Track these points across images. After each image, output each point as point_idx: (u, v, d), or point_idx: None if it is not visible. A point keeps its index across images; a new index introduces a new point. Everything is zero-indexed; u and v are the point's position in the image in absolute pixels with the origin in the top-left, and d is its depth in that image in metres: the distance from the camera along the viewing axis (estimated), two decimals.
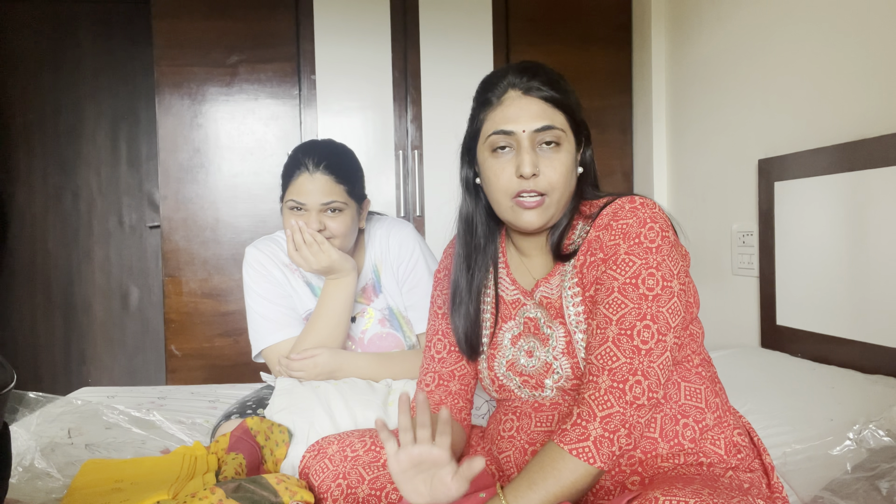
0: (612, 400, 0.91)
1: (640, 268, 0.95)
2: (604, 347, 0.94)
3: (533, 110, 1.00)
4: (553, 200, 1.01)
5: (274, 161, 2.76)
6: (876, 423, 1.26)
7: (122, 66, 3.69)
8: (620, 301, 0.94)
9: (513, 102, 1.01)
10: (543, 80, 1.01)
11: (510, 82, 1.02)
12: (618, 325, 0.94)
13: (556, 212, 1.04)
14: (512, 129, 1.00)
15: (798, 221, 1.90)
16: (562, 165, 1.00)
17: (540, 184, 1.00)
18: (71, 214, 3.71)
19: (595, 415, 0.91)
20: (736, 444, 1.02)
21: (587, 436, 0.90)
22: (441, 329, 1.19)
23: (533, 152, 0.99)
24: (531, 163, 0.98)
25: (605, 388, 0.92)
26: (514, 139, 1.00)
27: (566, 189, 1.03)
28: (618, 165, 2.91)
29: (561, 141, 1.01)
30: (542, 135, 1.00)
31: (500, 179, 1.01)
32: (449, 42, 2.74)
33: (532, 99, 1.01)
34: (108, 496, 1.19)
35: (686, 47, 2.60)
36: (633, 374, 0.92)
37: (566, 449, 0.90)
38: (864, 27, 1.73)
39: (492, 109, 1.03)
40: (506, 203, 1.03)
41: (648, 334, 0.93)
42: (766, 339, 2.07)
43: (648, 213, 0.97)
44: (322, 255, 1.45)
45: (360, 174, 1.55)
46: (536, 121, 0.99)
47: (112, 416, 1.74)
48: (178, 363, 2.74)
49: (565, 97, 1.02)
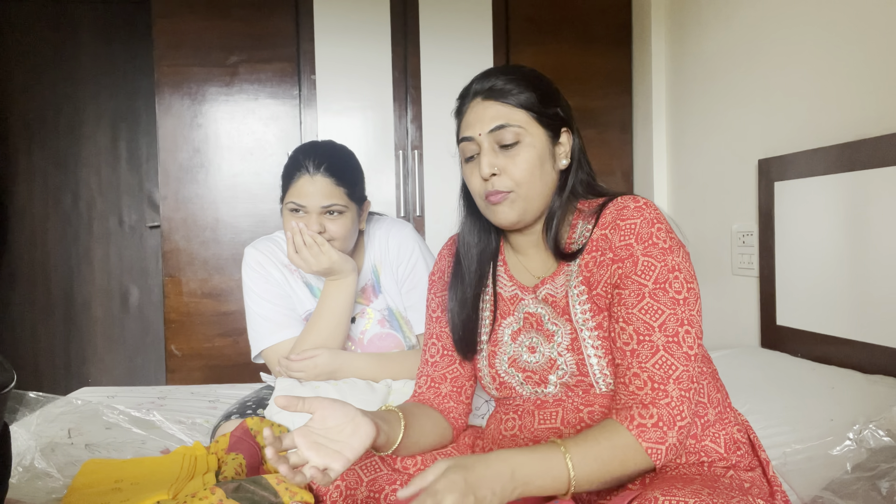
0: (685, 411, 0.93)
1: (662, 270, 0.96)
2: (659, 356, 0.94)
3: (489, 113, 1.04)
4: (521, 194, 1.04)
5: (274, 161, 2.76)
6: (876, 423, 1.26)
7: (122, 66, 3.69)
8: (656, 307, 0.95)
9: (473, 109, 1.06)
10: (501, 81, 1.05)
11: (474, 90, 1.07)
12: (662, 331, 0.95)
13: (532, 205, 1.05)
14: (471, 135, 1.05)
15: (798, 221, 1.90)
16: (524, 161, 1.03)
17: (503, 182, 1.03)
18: (71, 214, 3.71)
19: (674, 423, 0.92)
20: (736, 440, 1.03)
21: (664, 440, 0.92)
22: (435, 332, 1.20)
23: (492, 153, 1.03)
24: (488, 163, 1.03)
25: (676, 397, 0.93)
26: (475, 144, 1.05)
27: (537, 182, 1.04)
28: (618, 165, 2.91)
29: (520, 137, 1.03)
30: (498, 134, 1.03)
31: (472, 184, 1.07)
32: (449, 42, 2.74)
33: (488, 103, 1.04)
34: (108, 496, 1.19)
35: (686, 47, 2.60)
36: (692, 382, 0.94)
37: (643, 446, 0.91)
38: (865, 27, 1.73)
39: (462, 118, 1.09)
40: (482, 204, 1.07)
41: (691, 340, 0.95)
42: (766, 338, 2.07)
43: (654, 213, 0.99)
44: (322, 256, 1.45)
45: (361, 176, 1.55)
46: (491, 122, 1.03)
47: (112, 416, 1.74)
48: (178, 363, 2.74)
49: (523, 94, 1.04)
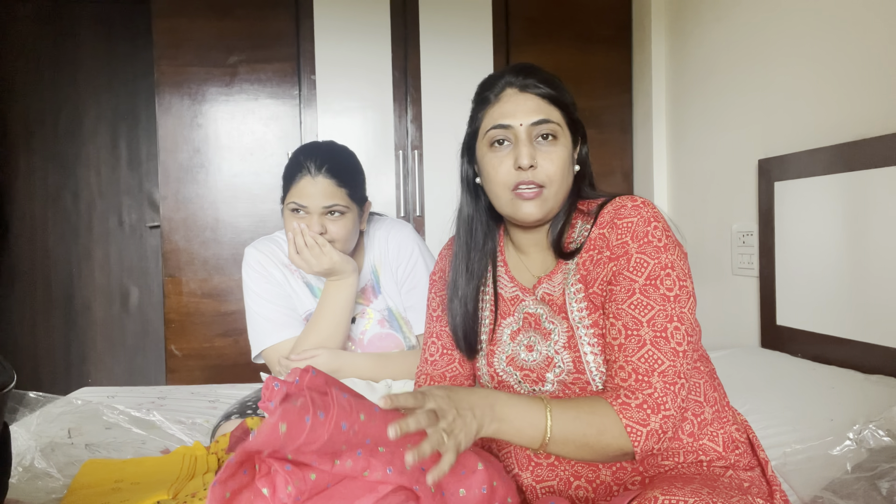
0: (668, 402, 0.93)
1: (654, 268, 0.97)
2: (645, 350, 0.95)
3: (530, 105, 1.03)
4: (551, 193, 1.03)
5: (274, 161, 2.76)
6: (876, 423, 1.26)
7: (122, 66, 3.69)
8: (645, 302, 0.96)
9: (510, 98, 1.05)
10: (539, 79, 1.05)
11: (507, 81, 1.06)
12: (650, 326, 0.95)
13: (555, 205, 1.05)
14: (510, 123, 1.03)
15: (798, 221, 1.90)
16: (559, 158, 1.03)
17: (538, 175, 1.02)
18: (71, 214, 3.71)
19: (658, 410, 0.92)
20: (735, 440, 1.03)
21: (646, 423, 0.91)
22: (435, 332, 1.21)
23: (530, 145, 1.02)
24: (529, 154, 1.01)
25: (660, 388, 0.93)
26: (511, 133, 1.03)
27: (563, 183, 1.05)
28: (618, 165, 2.91)
29: (557, 135, 1.04)
30: (539, 128, 1.03)
31: (498, 173, 1.04)
32: (449, 42, 2.74)
33: (529, 95, 1.04)
34: (108, 496, 1.19)
35: (686, 47, 2.60)
36: (678, 378, 0.94)
37: (623, 422, 0.91)
38: (864, 27, 1.73)
39: (490, 106, 1.06)
40: (505, 196, 1.05)
41: (680, 336, 0.95)
42: (765, 338, 2.07)
43: (651, 213, 1.00)
44: (323, 257, 1.45)
45: (362, 177, 1.55)
46: (533, 115, 1.03)
47: (112, 416, 1.74)
48: (178, 363, 2.74)
49: (561, 94, 1.05)
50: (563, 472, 1.03)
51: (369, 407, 0.86)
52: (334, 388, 0.85)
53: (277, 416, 0.78)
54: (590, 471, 1.01)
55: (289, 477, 0.82)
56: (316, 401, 0.81)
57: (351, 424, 0.82)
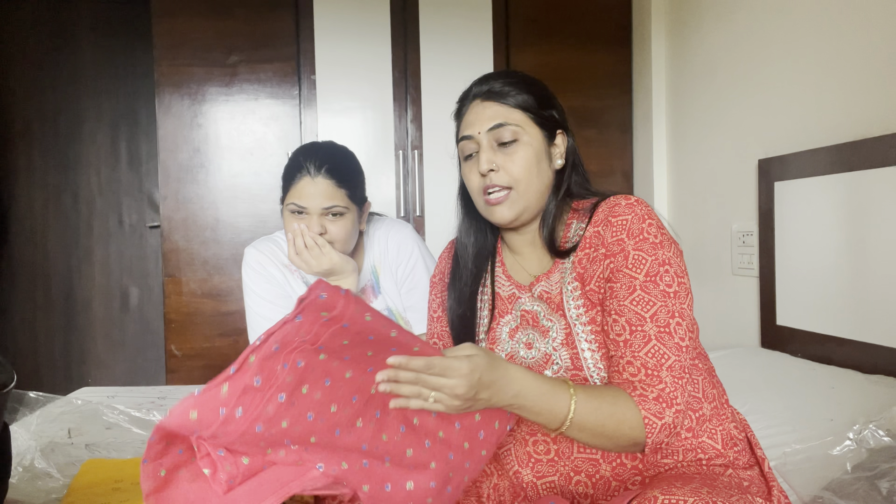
0: (678, 397, 0.95)
1: (653, 264, 0.98)
2: (651, 345, 0.96)
3: (487, 113, 1.08)
4: (520, 192, 1.07)
5: (274, 161, 2.76)
6: (876, 423, 1.26)
7: (122, 66, 3.69)
8: (647, 299, 0.97)
9: (472, 109, 1.11)
10: (498, 84, 1.09)
11: (473, 92, 1.12)
12: (653, 322, 0.96)
13: (530, 204, 1.08)
14: (470, 133, 1.09)
15: (798, 221, 1.90)
16: (521, 158, 1.07)
17: (501, 178, 1.07)
18: (71, 214, 3.71)
19: (672, 404, 0.94)
20: (733, 437, 1.03)
21: (662, 416, 0.93)
22: (436, 332, 1.23)
23: (490, 150, 1.07)
24: (487, 160, 1.06)
25: (670, 383, 0.95)
26: (474, 142, 1.09)
27: (533, 180, 1.07)
28: (618, 165, 2.91)
29: (518, 136, 1.07)
30: (497, 132, 1.07)
31: (470, 181, 1.11)
32: (449, 42, 2.74)
33: (488, 103, 1.09)
34: (108, 496, 1.19)
35: (686, 47, 2.60)
36: (684, 372, 0.96)
37: (642, 413, 0.93)
38: (864, 27, 1.73)
39: (462, 119, 1.13)
40: (480, 202, 1.11)
41: (682, 332, 0.97)
42: (766, 339, 2.07)
43: (644, 210, 1.02)
44: (323, 258, 1.45)
45: (362, 178, 1.55)
46: (489, 121, 1.08)
47: (112, 416, 1.75)
48: (178, 363, 2.74)
49: (520, 94, 1.08)
50: (563, 468, 1.03)
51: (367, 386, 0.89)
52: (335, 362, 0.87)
53: (191, 402, 0.81)
54: (590, 465, 1.02)
55: (220, 461, 0.84)
56: (249, 393, 0.83)
57: (268, 427, 0.84)
